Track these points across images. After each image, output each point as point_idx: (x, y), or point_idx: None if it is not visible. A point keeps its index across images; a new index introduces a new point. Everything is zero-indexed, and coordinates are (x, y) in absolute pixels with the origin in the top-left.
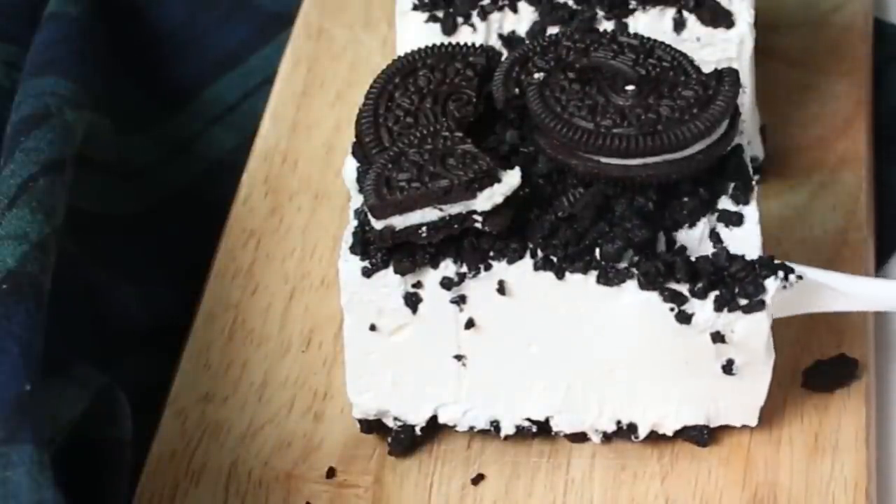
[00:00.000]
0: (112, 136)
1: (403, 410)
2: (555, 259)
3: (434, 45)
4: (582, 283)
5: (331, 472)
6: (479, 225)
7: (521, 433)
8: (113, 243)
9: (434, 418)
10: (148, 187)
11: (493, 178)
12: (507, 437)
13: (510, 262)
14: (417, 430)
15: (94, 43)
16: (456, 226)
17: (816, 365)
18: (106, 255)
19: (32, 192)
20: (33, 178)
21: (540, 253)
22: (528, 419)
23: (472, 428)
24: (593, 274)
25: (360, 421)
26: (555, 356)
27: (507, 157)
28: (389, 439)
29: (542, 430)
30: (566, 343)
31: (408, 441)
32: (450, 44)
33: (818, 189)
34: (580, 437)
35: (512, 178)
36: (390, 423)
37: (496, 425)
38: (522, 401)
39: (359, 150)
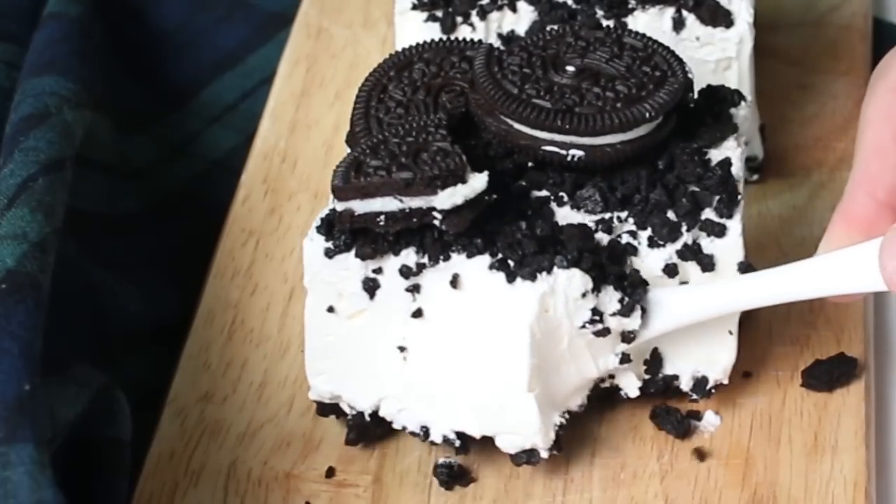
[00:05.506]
0: (112, 136)
1: (353, 396)
2: (511, 263)
3: (432, 40)
4: (529, 291)
5: (330, 472)
6: (437, 223)
7: (447, 443)
8: (113, 243)
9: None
10: (148, 187)
11: (458, 179)
12: (434, 444)
13: (469, 255)
14: (366, 416)
15: (93, 43)
16: (414, 219)
17: (816, 364)
18: (106, 255)
19: (32, 191)
20: (33, 178)
21: (500, 254)
22: (459, 433)
23: (404, 428)
24: (543, 284)
25: (317, 403)
26: (494, 368)
27: (492, 159)
28: (346, 428)
29: (466, 445)
30: (506, 353)
31: (359, 428)
32: (448, 39)
33: (818, 189)
34: (528, 455)
35: (477, 182)
36: (346, 408)
37: (425, 431)
38: (456, 412)
39: (352, 140)
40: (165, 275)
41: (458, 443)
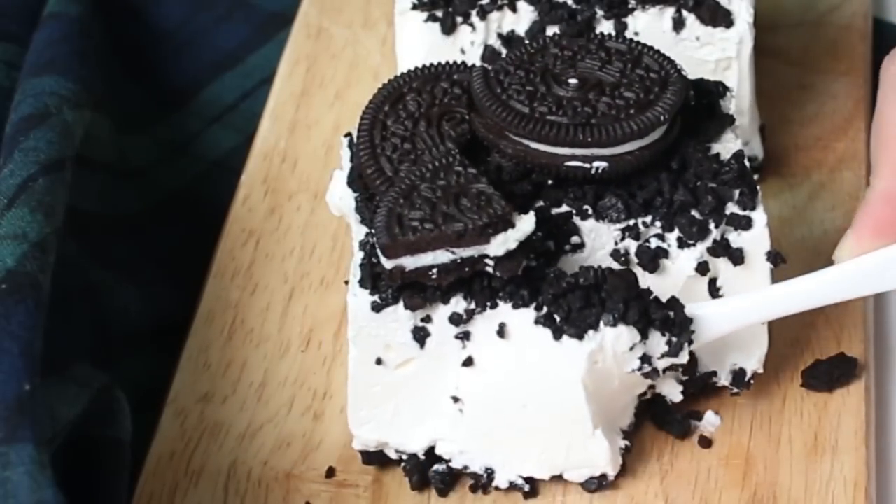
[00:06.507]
0: (112, 136)
1: (402, 440)
2: (557, 318)
3: (416, 68)
4: (577, 349)
5: (330, 472)
6: (489, 269)
7: (514, 488)
8: (113, 243)
9: (433, 448)
10: (148, 187)
11: (508, 224)
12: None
13: (515, 306)
14: (421, 455)
15: (93, 43)
16: (467, 269)
17: (816, 364)
18: (106, 255)
19: (32, 191)
20: (33, 178)
21: (545, 308)
22: (525, 478)
23: (465, 467)
24: (591, 343)
25: (361, 452)
26: (554, 415)
27: (507, 183)
28: (405, 476)
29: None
30: (564, 403)
31: (419, 471)
32: (431, 65)
33: (818, 189)
34: (599, 481)
35: (526, 225)
36: (392, 454)
37: (490, 474)
38: (520, 457)
39: (357, 181)
40: (165, 275)
41: (526, 487)
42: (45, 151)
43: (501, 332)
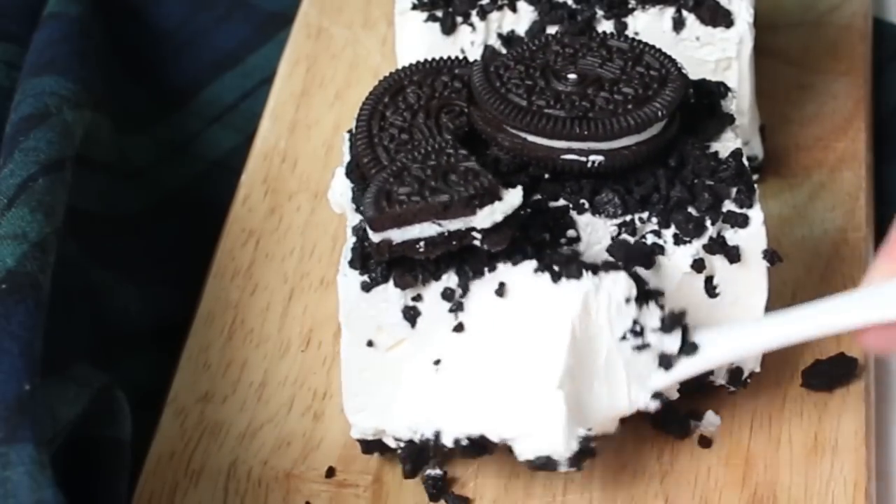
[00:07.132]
0: (112, 136)
1: (396, 427)
2: (556, 267)
3: (418, 62)
4: (574, 288)
5: (330, 472)
6: (477, 242)
7: (457, 446)
8: (113, 243)
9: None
10: (148, 187)
11: (494, 196)
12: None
13: (515, 263)
14: (416, 442)
15: (93, 43)
16: (454, 242)
17: (816, 364)
18: (106, 255)
19: (32, 191)
20: (33, 178)
21: (546, 259)
22: (473, 439)
23: (416, 431)
24: (588, 283)
25: (360, 441)
26: (528, 365)
27: (505, 176)
28: (400, 462)
29: (480, 447)
30: (543, 350)
31: (412, 458)
32: (433, 59)
33: (818, 189)
34: (546, 462)
35: (513, 198)
36: (390, 442)
37: (437, 435)
38: (478, 415)
39: (355, 171)
40: (165, 275)
41: (466, 443)
42: (45, 151)
43: (500, 291)
